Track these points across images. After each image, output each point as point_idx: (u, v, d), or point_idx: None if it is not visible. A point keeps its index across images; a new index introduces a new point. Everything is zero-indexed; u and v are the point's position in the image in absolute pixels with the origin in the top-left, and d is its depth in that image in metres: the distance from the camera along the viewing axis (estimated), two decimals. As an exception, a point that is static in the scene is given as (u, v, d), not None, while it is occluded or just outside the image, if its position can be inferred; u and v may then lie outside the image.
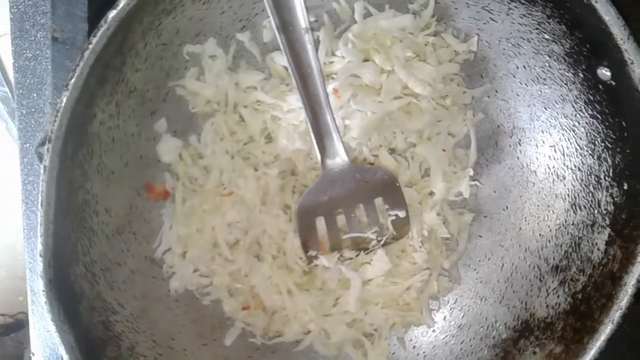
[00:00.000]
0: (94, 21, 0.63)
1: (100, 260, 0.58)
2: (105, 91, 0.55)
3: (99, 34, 0.47)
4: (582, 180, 0.61)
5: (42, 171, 0.47)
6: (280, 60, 0.64)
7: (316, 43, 0.63)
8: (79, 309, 0.54)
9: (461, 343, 0.67)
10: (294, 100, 0.63)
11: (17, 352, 0.97)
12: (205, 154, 0.65)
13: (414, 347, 0.69)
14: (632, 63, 0.50)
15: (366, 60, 0.63)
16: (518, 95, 0.65)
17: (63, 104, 0.47)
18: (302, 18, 0.56)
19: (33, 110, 0.68)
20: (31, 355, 0.72)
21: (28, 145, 0.69)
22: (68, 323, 0.51)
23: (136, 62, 0.57)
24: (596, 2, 0.49)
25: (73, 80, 0.47)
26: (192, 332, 0.66)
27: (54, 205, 0.49)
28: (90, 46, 0.47)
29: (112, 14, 0.47)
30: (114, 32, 0.48)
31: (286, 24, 0.56)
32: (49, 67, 0.66)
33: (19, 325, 1.00)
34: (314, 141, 0.62)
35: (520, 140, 0.67)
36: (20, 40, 0.67)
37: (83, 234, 0.56)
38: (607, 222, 0.58)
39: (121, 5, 0.48)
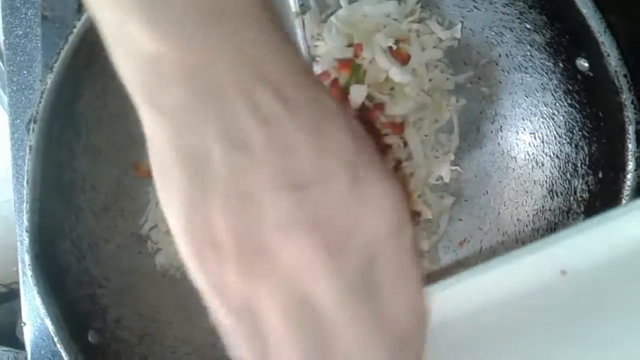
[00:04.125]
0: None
1: (87, 236, 0.59)
2: (91, 72, 0.56)
3: (83, 17, 0.48)
4: (559, 167, 0.63)
5: (27, 150, 0.49)
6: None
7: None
8: (65, 282, 0.56)
9: (439, 323, 0.69)
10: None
11: (11, 320, 1.00)
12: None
13: (393, 325, 0.71)
14: (609, 55, 0.51)
15: (350, 45, 0.64)
16: (500, 82, 0.66)
17: (48, 86, 0.48)
18: (292, 1, 0.56)
19: (23, 86, 0.70)
20: (23, 324, 0.74)
21: (18, 121, 0.70)
22: (54, 296, 0.53)
23: (123, 43, 0.57)
24: (574, -6, 0.50)
25: (58, 63, 0.48)
26: (177, 306, 0.67)
27: (39, 183, 0.50)
28: (75, 30, 0.48)
29: (96, -3, 0.48)
30: (99, 15, 0.49)
31: (276, 7, 0.56)
32: (39, 45, 0.67)
33: (12, 295, 1.03)
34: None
35: (501, 126, 0.68)
36: (10, 17, 0.68)
37: (70, 211, 0.57)
38: (582, 209, 0.60)
39: (106, -12, 0.49)
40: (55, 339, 0.53)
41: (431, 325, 0.31)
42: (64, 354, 0.53)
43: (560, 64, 0.59)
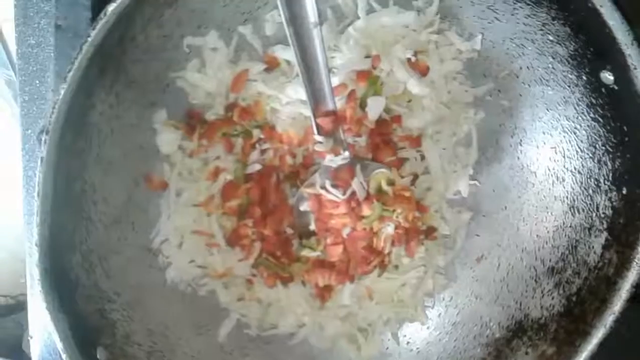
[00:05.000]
0: (96, 9, 0.63)
1: (98, 249, 0.58)
2: (105, 82, 0.55)
3: (97, 26, 0.47)
4: (581, 183, 0.61)
5: (39, 162, 0.48)
6: (282, 54, 0.64)
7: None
8: (75, 297, 0.54)
9: (455, 340, 0.68)
10: (293, 93, 0.63)
11: (17, 333, 0.98)
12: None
13: (408, 342, 0.70)
14: (635, 68, 0.50)
15: (368, 56, 0.63)
16: (521, 95, 0.64)
17: (61, 97, 0.47)
18: (311, 12, 0.56)
19: (35, 97, 0.69)
20: (29, 337, 0.73)
21: (30, 131, 0.69)
22: (63, 311, 0.52)
23: (137, 53, 0.57)
24: (601, 6, 0.49)
25: (71, 72, 0.47)
26: (187, 322, 0.66)
27: (50, 196, 0.49)
28: (89, 39, 0.47)
29: (111, 7, 0.47)
30: (114, 24, 0.48)
31: (295, 18, 0.55)
32: (52, 54, 0.67)
33: (19, 307, 1.02)
34: (316, 135, 0.62)
35: (521, 140, 0.66)
36: (23, 27, 0.67)
37: (80, 223, 0.56)
38: (605, 226, 0.58)
39: (121, -3, 0.48)
40: (64, 356, 0.52)
41: None
42: (72, 370, 0.52)
43: (584, 77, 0.57)
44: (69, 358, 0.52)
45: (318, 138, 0.62)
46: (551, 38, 0.58)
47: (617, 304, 0.54)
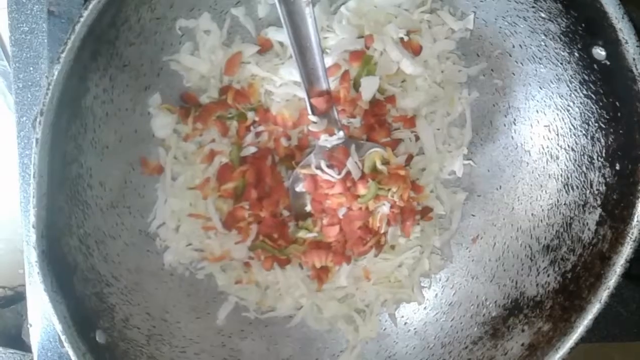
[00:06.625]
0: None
1: (95, 233, 0.58)
2: (98, 65, 0.55)
3: (90, 6, 0.47)
4: (575, 160, 0.61)
5: (34, 143, 0.48)
6: (275, 35, 0.64)
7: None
8: (73, 280, 0.54)
9: (452, 320, 0.68)
10: (287, 74, 0.63)
11: (17, 323, 0.99)
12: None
13: (405, 323, 0.70)
14: (627, 42, 0.50)
15: (361, 36, 0.63)
16: (514, 74, 0.65)
17: (55, 77, 0.47)
18: None
19: (30, 83, 0.69)
20: (29, 326, 0.73)
21: (25, 118, 0.69)
22: (61, 294, 0.52)
23: (130, 36, 0.57)
24: (591, -19, 0.49)
25: (64, 53, 0.47)
26: (186, 306, 0.67)
27: (46, 177, 0.49)
28: (82, 19, 0.47)
29: (103, -13, 0.47)
30: (106, 5, 0.48)
31: (287, -4, 0.55)
32: (45, 40, 0.67)
33: (18, 298, 1.02)
34: (311, 115, 0.62)
35: (515, 119, 0.67)
36: (16, 13, 0.67)
37: (77, 207, 0.56)
38: (599, 202, 0.59)
39: (113, -22, 0.48)
40: (63, 338, 0.52)
41: None
42: (71, 353, 0.52)
43: (576, 54, 0.57)
44: (68, 341, 0.52)
45: (312, 118, 0.62)
46: (543, 15, 0.58)
47: (612, 279, 0.55)
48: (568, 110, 0.61)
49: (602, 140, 0.58)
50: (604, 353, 0.79)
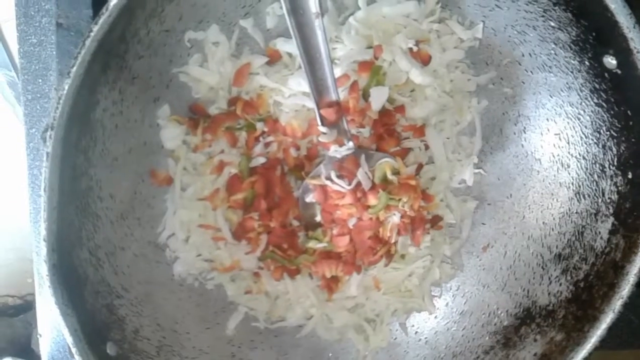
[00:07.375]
0: (98, 7, 0.63)
1: (105, 245, 0.58)
2: (108, 78, 0.55)
3: (100, 21, 0.47)
4: (586, 168, 0.61)
5: (44, 158, 0.48)
6: (284, 46, 0.64)
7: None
8: (83, 293, 0.55)
9: (463, 329, 0.68)
10: (295, 85, 0.63)
11: (26, 332, 0.99)
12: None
13: (416, 332, 0.70)
14: (638, 52, 0.50)
15: (370, 47, 0.63)
16: (523, 82, 0.64)
17: (65, 92, 0.47)
18: (312, 2, 0.56)
19: (38, 95, 0.69)
20: (38, 336, 0.73)
21: (34, 130, 0.69)
22: (72, 307, 0.52)
23: (139, 49, 0.57)
24: (602, -10, 0.49)
25: (75, 67, 0.47)
26: (195, 316, 0.67)
27: (57, 191, 0.49)
28: (92, 34, 0.47)
29: (113, 1, 0.47)
30: (116, 19, 0.48)
31: (297, 8, 0.55)
32: (54, 53, 0.67)
33: (27, 307, 1.02)
34: (320, 125, 0.62)
35: (525, 127, 0.66)
36: (25, 26, 0.68)
37: (87, 219, 0.56)
38: (611, 211, 0.58)
39: (123, -8, 0.48)
40: (74, 351, 0.52)
41: None
42: (82, 366, 0.52)
43: (587, 62, 0.57)
44: (78, 353, 0.52)
45: (322, 129, 0.62)
46: (553, 24, 0.58)
47: (625, 289, 0.54)
48: (579, 119, 0.61)
49: (614, 149, 0.58)
50: (616, 361, 0.78)
